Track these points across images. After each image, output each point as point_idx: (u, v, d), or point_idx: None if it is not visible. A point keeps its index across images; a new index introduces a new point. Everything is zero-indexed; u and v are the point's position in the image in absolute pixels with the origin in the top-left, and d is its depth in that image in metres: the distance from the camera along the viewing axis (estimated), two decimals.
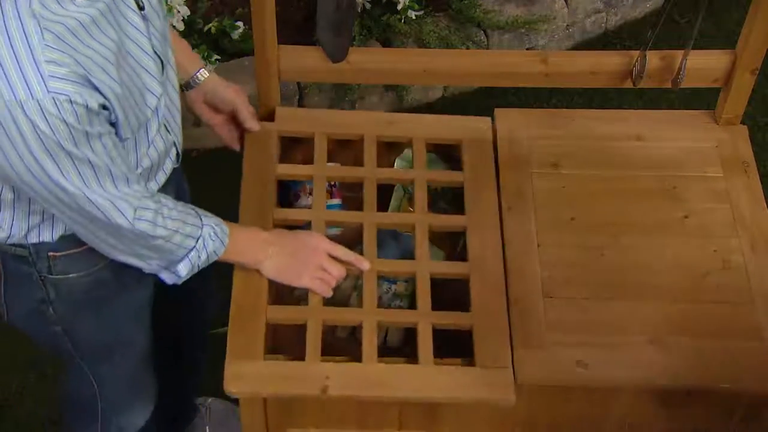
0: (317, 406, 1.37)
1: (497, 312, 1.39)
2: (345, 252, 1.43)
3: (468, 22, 2.81)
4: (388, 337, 1.53)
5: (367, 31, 2.71)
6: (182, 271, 1.32)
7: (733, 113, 1.59)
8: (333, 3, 1.43)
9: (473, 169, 1.57)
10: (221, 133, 1.58)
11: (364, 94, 2.73)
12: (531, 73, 1.55)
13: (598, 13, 3.03)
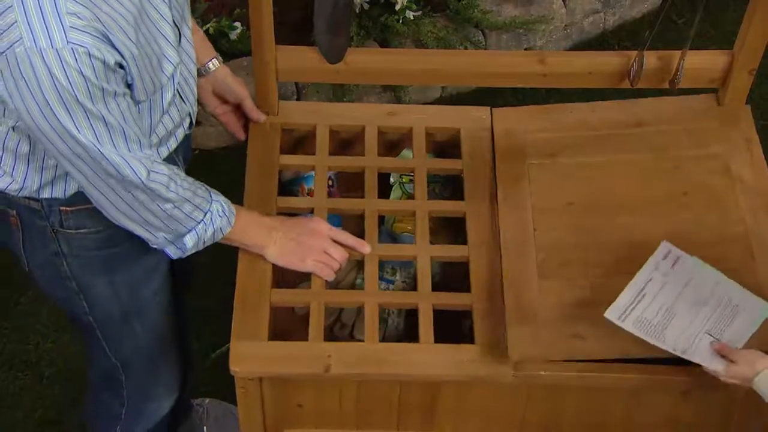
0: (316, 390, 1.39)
1: (495, 293, 1.42)
2: (346, 236, 1.46)
3: (466, 23, 2.84)
4: (386, 332, 1.55)
5: (365, 31, 2.74)
6: (189, 243, 1.34)
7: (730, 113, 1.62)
8: (330, 4, 1.46)
9: (472, 157, 1.60)
10: (227, 122, 1.61)
11: (362, 95, 2.76)
12: (528, 74, 1.58)
13: (596, 13, 3.06)
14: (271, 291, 1.41)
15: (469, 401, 1.43)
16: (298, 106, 1.70)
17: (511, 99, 2.89)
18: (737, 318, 1.31)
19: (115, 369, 1.57)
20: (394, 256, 1.52)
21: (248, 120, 1.60)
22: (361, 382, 1.38)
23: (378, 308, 1.42)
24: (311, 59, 1.58)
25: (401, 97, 2.80)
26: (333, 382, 1.37)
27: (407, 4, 2.74)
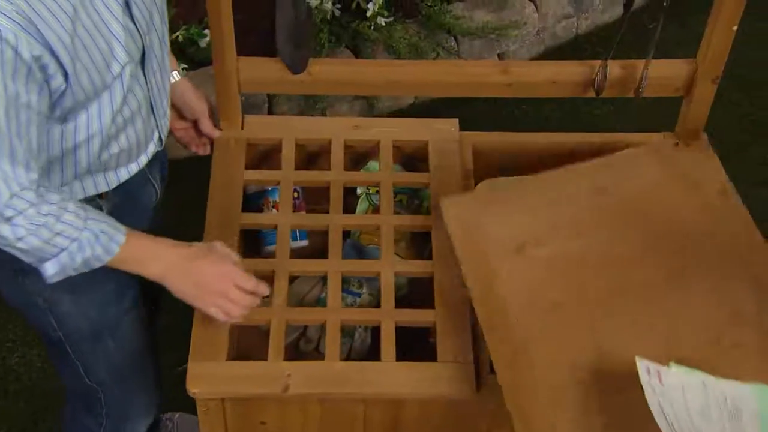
0: (279, 409, 1.37)
1: (460, 309, 1.41)
2: (248, 280, 1.34)
3: (438, 29, 2.83)
4: (353, 347, 1.54)
5: (336, 38, 2.73)
6: (49, 270, 1.24)
7: (695, 122, 1.61)
8: (291, 15, 1.44)
9: (439, 170, 1.59)
10: (182, 138, 1.59)
11: (334, 103, 2.74)
12: (493, 83, 1.57)
13: (568, 18, 3.06)
14: None
15: (433, 419, 1.41)
16: (263, 120, 1.69)
17: (483, 105, 2.89)
18: (743, 417, 1.23)
19: (92, 389, 1.54)
20: (357, 272, 1.50)
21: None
22: (324, 400, 1.36)
23: (340, 325, 1.40)
24: (274, 70, 1.56)
25: (374, 105, 2.79)
26: (295, 401, 1.35)
27: (379, 10, 2.73)
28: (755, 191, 2.64)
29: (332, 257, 1.47)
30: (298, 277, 1.58)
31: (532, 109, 2.79)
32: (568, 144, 1.68)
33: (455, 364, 1.36)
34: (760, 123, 2.78)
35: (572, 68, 1.57)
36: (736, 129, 2.77)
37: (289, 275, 1.48)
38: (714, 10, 1.46)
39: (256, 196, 1.65)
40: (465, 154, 1.63)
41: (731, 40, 1.49)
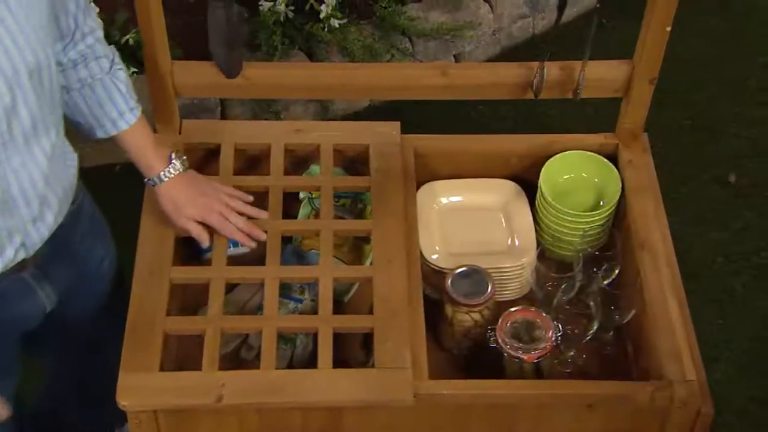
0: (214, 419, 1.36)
1: (399, 314, 1.40)
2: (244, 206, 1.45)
3: (392, 30, 2.82)
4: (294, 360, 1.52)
5: (289, 40, 2.70)
6: None
7: (634, 123, 1.61)
8: (223, 18, 1.42)
9: (379, 173, 1.57)
10: None
11: (289, 105, 2.72)
12: (431, 86, 1.56)
13: (524, 18, 3.06)
14: (165, 319, 1.37)
15: (374, 426, 1.40)
16: (201, 125, 1.66)
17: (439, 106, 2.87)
18: None
19: None
20: (295, 278, 1.48)
21: None
22: (261, 410, 1.35)
23: (277, 333, 1.38)
24: (209, 74, 1.53)
25: (329, 107, 2.77)
26: (231, 411, 1.34)
27: (332, 12, 2.71)
28: (709, 189, 2.67)
29: (270, 264, 1.45)
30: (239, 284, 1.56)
31: (488, 110, 2.79)
32: (511, 146, 1.67)
33: (393, 370, 1.35)
34: (715, 121, 2.79)
35: (511, 70, 1.56)
36: (690, 128, 2.79)
37: (227, 283, 1.46)
38: (647, 12, 1.46)
39: None
40: (406, 157, 1.62)
41: (665, 41, 1.49)
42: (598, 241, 1.60)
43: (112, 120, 1.37)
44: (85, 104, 1.35)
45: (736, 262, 2.47)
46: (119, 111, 1.37)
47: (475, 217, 1.66)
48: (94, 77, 1.34)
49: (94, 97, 1.35)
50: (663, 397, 1.34)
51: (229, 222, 1.46)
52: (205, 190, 1.47)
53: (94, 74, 1.34)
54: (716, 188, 2.63)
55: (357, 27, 2.78)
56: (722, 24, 3.04)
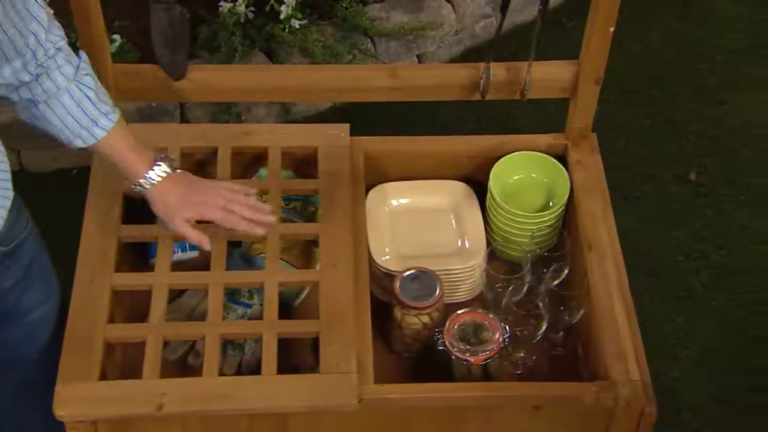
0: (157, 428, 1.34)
1: (345, 318, 1.39)
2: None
3: (354, 30, 2.80)
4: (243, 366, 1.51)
5: (249, 41, 2.68)
6: None
7: (582, 123, 1.61)
8: (165, 19, 1.40)
9: (328, 176, 1.56)
10: None
11: (250, 106, 2.70)
12: (380, 88, 1.55)
13: (486, 18, 3.06)
14: (105, 327, 1.35)
15: (321, 430, 1.39)
16: (147, 128, 1.64)
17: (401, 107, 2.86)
18: None
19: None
20: (240, 283, 1.47)
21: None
22: (205, 418, 1.33)
23: (220, 339, 1.37)
24: (152, 77, 1.51)
25: (290, 109, 2.76)
26: (173, 419, 1.32)
27: (292, 12, 2.69)
28: (670, 188, 2.68)
29: (214, 269, 1.43)
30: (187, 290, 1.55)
31: (451, 110, 2.79)
32: (461, 147, 1.67)
33: (338, 375, 1.34)
34: (676, 120, 2.81)
35: (458, 71, 1.56)
36: (651, 126, 2.80)
37: (173, 289, 1.45)
38: (591, 13, 1.46)
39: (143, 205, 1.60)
40: (356, 159, 1.61)
41: (609, 41, 1.49)
42: (548, 242, 1.60)
43: (86, 128, 1.33)
44: (55, 115, 1.31)
45: (696, 260, 2.48)
46: (91, 118, 1.33)
47: (425, 219, 1.65)
48: (59, 87, 1.30)
49: (61, 107, 1.31)
50: (607, 398, 1.34)
51: (233, 214, 1.41)
52: (201, 188, 1.42)
53: (59, 84, 1.30)
54: (677, 186, 2.64)
55: (318, 28, 2.77)
56: (683, 23, 3.05)
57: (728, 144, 2.73)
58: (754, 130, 2.76)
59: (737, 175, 2.65)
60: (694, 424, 2.18)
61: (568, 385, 1.37)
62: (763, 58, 2.93)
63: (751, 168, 2.66)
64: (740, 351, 2.29)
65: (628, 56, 3.00)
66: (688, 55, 2.97)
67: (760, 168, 2.66)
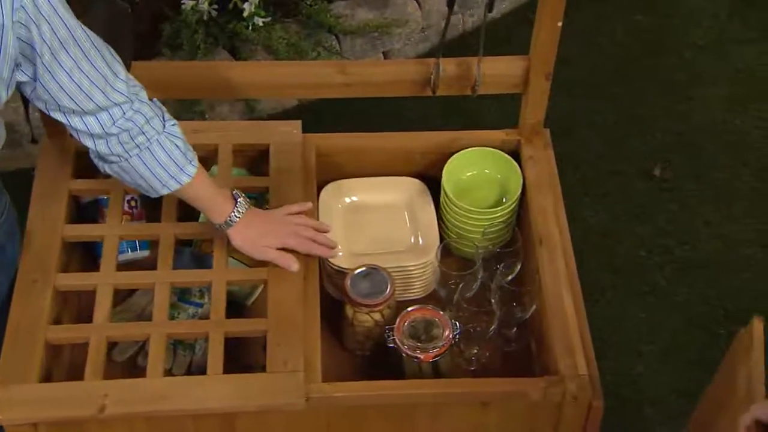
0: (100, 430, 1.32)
1: (293, 317, 1.38)
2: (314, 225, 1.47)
3: (318, 28, 2.79)
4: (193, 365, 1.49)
5: (213, 39, 2.66)
6: None
7: (534, 118, 1.60)
8: (106, 14, 1.38)
9: (279, 173, 1.55)
10: None
11: (214, 105, 2.68)
12: (331, 84, 1.54)
13: (452, 15, 3.05)
14: (47, 328, 1.33)
15: (270, 430, 1.38)
16: None
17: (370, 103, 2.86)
18: None
19: None
20: (187, 282, 1.45)
21: None
22: (150, 419, 1.31)
23: (166, 340, 1.35)
24: None
25: (254, 107, 2.74)
26: (116, 421, 1.30)
27: (255, 10, 2.68)
28: (635, 183, 2.68)
29: (161, 268, 1.42)
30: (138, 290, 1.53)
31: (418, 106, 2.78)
32: (415, 143, 1.66)
33: (284, 373, 1.32)
34: (641, 115, 2.81)
35: (409, 67, 1.55)
36: (617, 122, 2.80)
37: (120, 289, 1.43)
38: (539, 8, 1.45)
39: (91, 205, 1.58)
40: (308, 156, 1.59)
41: (558, 36, 1.48)
42: (501, 238, 1.59)
43: (174, 176, 1.36)
44: (146, 167, 1.34)
45: (660, 255, 2.49)
46: (179, 166, 1.36)
47: (379, 216, 1.64)
48: (150, 139, 1.32)
49: (153, 158, 1.33)
50: (555, 393, 1.33)
51: (306, 239, 1.46)
52: (275, 219, 1.47)
53: (150, 136, 1.32)
54: (642, 182, 2.65)
55: (282, 25, 2.75)
56: (649, 20, 3.06)
57: (693, 139, 2.74)
58: (718, 125, 2.77)
59: (702, 171, 2.66)
60: (657, 419, 2.18)
61: (515, 381, 1.36)
62: (729, 53, 2.94)
63: (716, 163, 2.67)
64: (703, 345, 2.29)
65: (594, 52, 3.00)
66: (654, 50, 2.98)
67: (724, 163, 2.67)
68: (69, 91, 1.22)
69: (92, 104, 1.25)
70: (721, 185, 2.63)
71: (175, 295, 1.54)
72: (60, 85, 1.21)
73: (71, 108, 1.25)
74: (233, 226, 1.42)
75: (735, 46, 2.96)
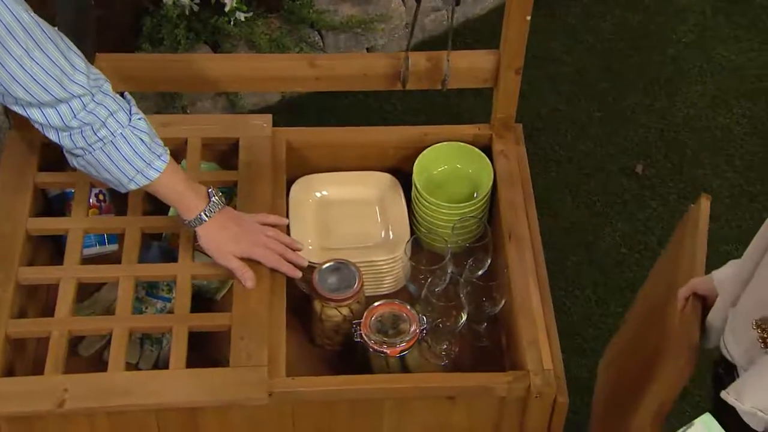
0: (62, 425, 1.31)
1: (258, 311, 1.37)
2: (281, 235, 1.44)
3: (301, 23, 2.78)
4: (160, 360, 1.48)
5: (194, 34, 2.65)
6: None
7: (505, 113, 1.59)
8: (72, 5, 1.37)
9: (248, 167, 1.54)
10: None
11: (195, 100, 2.66)
12: (301, 77, 1.53)
13: (437, 11, 3.04)
14: (7, 322, 1.32)
15: (234, 426, 1.37)
16: None
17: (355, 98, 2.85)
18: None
19: None
20: (152, 276, 1.44)
21: None
22: (111, 414, 1.30)
23: (129, 334, 1.34)
24: None
25: (236, 102, 2.73)
26: (78, 416, 1.29)
27: (237, 5, 2.66)
28: (617, 180, 2.68)
29: (125, 262, 1.41)
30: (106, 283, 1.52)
31: (400, 102, 2.77)
32: (386, 138, 1.65)
33: (247, 368, 1.31)
34: (624, 113, 2.80)
35: (379, 60, 1.54)
36: (601, 119, 2.79)
37: (86, 283, 1.42)
38: (507, 2, 1.44)
39: (58, 199, 1.57)
40: (277, 150, 1.58)
41: (527, 31, 1.47)
42: (472, 233, 1.58)
43: (141, 171, 1.33)
44: (111, 161, 1.31)
45: (640, 252, 2.48)
46: (146, 161, 1.33)
47: (350, 211, 1.63)
48: (114, 133, 1.30)
49: (117, 152, 1.31)
50: (520, 388, 1.32)
51: (274, 253, 1.43)
52: (247, 226, 1.44)
53: (113, 130, 1.30)
54: (624, 179, 2.64)
55: (264, 20, 2.74)
56: (635, 16, 3.05)
57: (676, 136, 2.73)
58: (701, 122, 2.76)
59: (683, 168, 2.65)
60: None
61: (480, 376, 1.35)
62: (714, 51, 2.94)
63: (698, 161, 2.67)
64: None
65: (581, 49, 3.00)
66: (640, 47, 2.97)
67: (706, 161, 2.67)
68: (22, 82, 1.20)
69: (49, 96, 1.23)
70: (702, 182, 2.62)
71: (143, 290, 1.54)
72: (11, 74, 1.19)
73: (27, 100, 1.23)
74: (202, 225, 1.40)
75: (719, 43, 2.96)
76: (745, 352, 1.21)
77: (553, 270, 2.38)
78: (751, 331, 1.18)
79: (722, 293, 1.25)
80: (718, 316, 1.25)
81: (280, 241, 1.45)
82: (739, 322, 1.21)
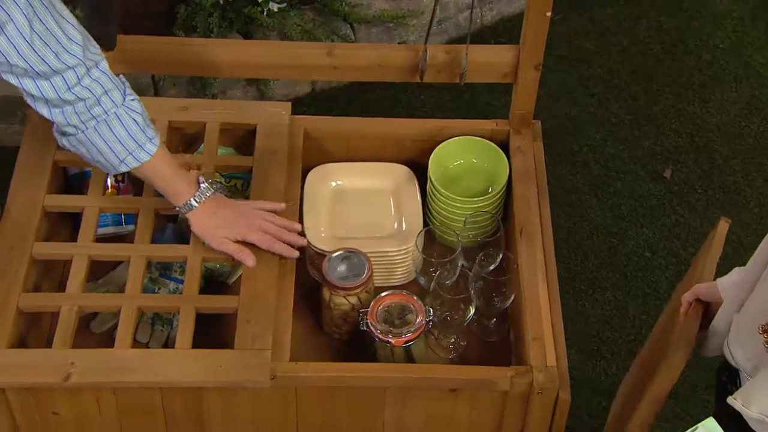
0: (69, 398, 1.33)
1: (265, 296, 1.38)
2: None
3: (334, 16, 2.79)
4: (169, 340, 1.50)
5: (228, 23, 2.68)
6: None
7: (524, 109, 1.59)
8: None
9: (264, 154, 1.55)
10: None
11: (225, 88, 2.69)
12: (318, 66, 1.53)
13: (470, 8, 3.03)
14: (21, 296, 1.35)
15: (237, 408, 1.38)
16: None
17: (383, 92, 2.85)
18: None
19: None
20: (163, 257, 1.46)
21: None
22: (117, 390, 1.32)
23: (137, 312, 1.36)
24: None
25: (264, 92, 2.75)
26: (84, 391, 1.31)
27: None
28: (644, 184, 2.65)
29: (138, 241, 1.43)
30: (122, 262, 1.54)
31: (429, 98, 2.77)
32: (404, 130, 1.65)
33: (251, 351, 1.32)
34: (656, 116, 2.77)
35: (398, 52, 1.54)
36: (631, 122, 2.76)
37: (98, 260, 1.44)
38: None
39: (78, 178, 1.60)
40: (295, 138, 1.59)
41: (547, 27, 1.46)
42: (486, 228, 1.58)
43: (132, 152, 1.34)
44: (103, 141, 1.32)
45: (664, 257, 2.45)
46: (138, 143, 1.33)
47: (364, 201, 1.63)
48: (108, 112, 1.30)
49: (110, 132, 1.31)
50: (523, 383, 1.32)
51: (269, 235, 1.43)
52: (241, 210, 1.44)
53: (107, 109, 1.30)
54: (651, 183, 2.61)
55: (297, 12, 2.76)
56: (671, 20, 3.01)
57: (707, 142, 2.69)
58: (733, 129, 2.72)
59: (713, 174, 2.61)
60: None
61: (483, 369, 1.35)
62: (749, 57, 2.89)
63: (728, 168, 2.63)
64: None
65: (615, 51, 2.97)
66: (675, 52, 2.93)
67: (737, 168, 2.62)
68: (21, 51, 1.20)
69: (45, 65, 1.22)
70: (731, 189, 2.58)
71: (157, 271, 1.56)
72: (11, 42, 1.19)
73: (23, 68, 1.22)
74: (192, 211, 1.40)
75: (757, 50, 2.91)
76: (751, 358, 1.19)
77: (575, 271, 2.40)
78: (757, 336, 1.16)
79: (726, 299, 1.23)
80: (723, 321, 1.24)
81: (276, 223, 1.45)
82: (744, 327, 1.20)
